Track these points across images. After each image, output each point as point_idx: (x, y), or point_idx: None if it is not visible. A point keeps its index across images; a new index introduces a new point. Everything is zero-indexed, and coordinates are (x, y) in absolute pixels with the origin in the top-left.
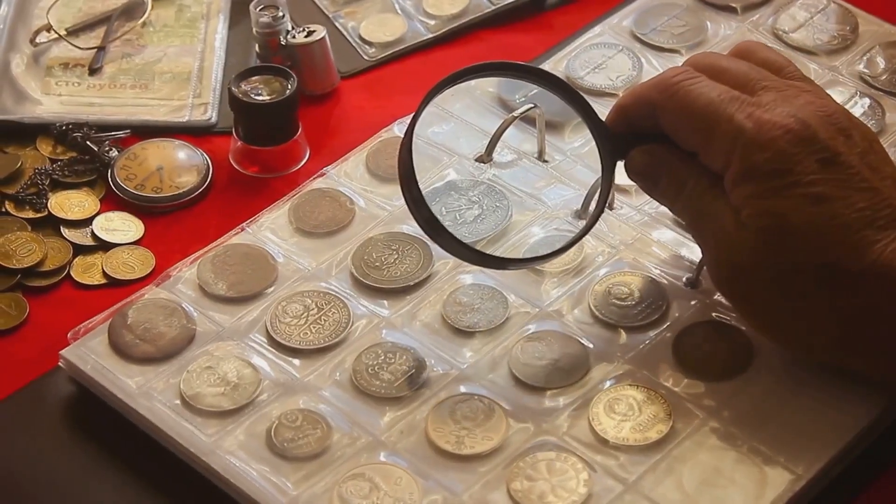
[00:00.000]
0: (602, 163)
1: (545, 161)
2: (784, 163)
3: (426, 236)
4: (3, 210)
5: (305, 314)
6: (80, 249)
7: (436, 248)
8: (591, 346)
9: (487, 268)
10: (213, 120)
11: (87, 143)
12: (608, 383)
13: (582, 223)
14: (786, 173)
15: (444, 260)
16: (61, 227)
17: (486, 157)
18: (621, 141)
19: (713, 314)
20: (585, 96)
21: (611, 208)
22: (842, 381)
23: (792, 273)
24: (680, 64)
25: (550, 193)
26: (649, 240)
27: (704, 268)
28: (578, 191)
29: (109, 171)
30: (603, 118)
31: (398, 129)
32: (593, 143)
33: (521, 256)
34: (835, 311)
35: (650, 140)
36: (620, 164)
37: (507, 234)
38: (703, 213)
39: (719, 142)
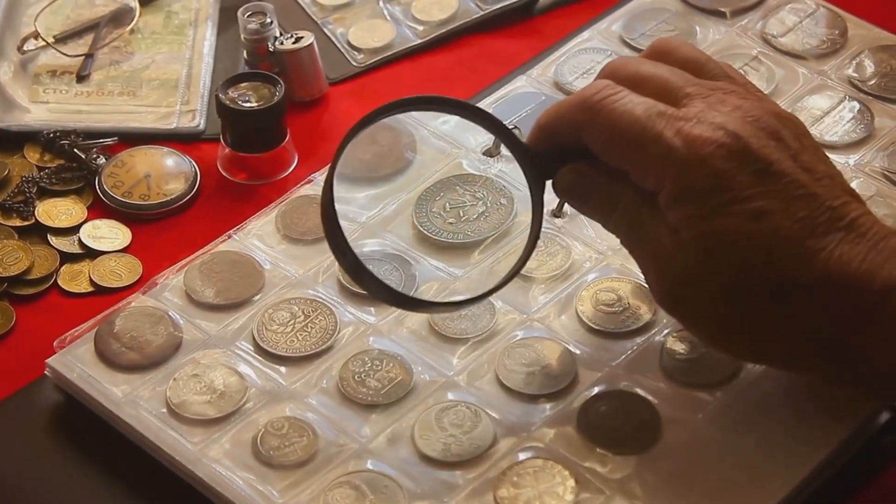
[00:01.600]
0: (529, 184)
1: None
2: (720, 180)
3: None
4: None
5: (292, 321)
6: (67, 257)
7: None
8: (578, 352)
9: (406, 310)
10: (201, 127)
11: (75, 150)
12: (596, 390)
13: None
14: (722, 190)
15: (444, 263)
16: (48, 235)
17: (493, 150)
18: (547, 159)
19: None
20: None
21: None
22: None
23: (739, 289)
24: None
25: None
26: None
27: None
28: None
29: (97, 178)
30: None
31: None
32: None
33: (440, 301)
34: (786, 321)
35: (577, 156)
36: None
37: (510, 233)
38: (639, 231)
39: (649, 162)
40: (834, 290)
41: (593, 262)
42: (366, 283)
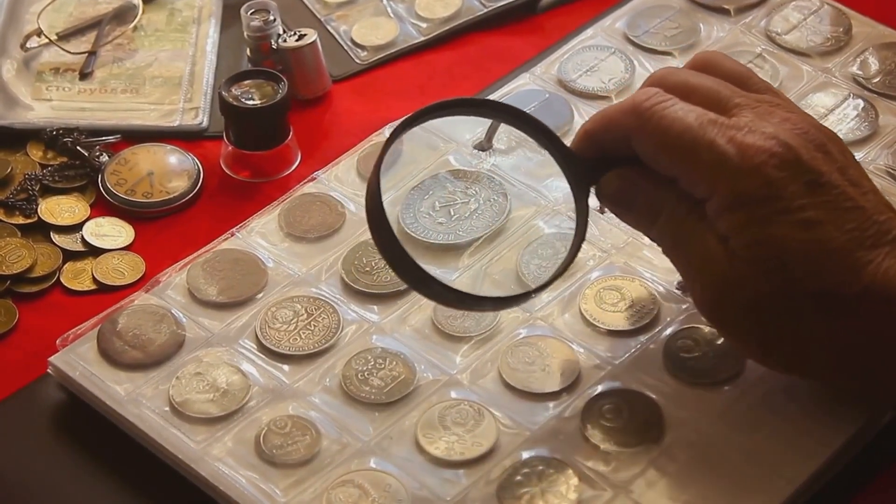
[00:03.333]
0: (573, 190)
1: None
2: (772, 189)
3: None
4: None
5: (295, 320)
6: (69, 255)
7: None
8: (581, 350)
9: (467, 309)
10: (204, 124)
11: (78, 148)
12: (599, 388)
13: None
14: (775, 199)
15: (434, 266)
16: (51, 233)
17: (485, 144)
18: (591, 165)
19: (704, 318)
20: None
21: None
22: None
23: (786, 299)
24: (674, 66)
25: (552, 185)
26: (641, 244)
27: None
28: None
29: (100, 176)
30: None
31: (390, 133)
32: None
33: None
34: (830, 335)
35: (621, 163)
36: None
37: (505, 230)
38: (683, 239)
39: (701, 169)
40: (880, 303)
41: (597, 261)
42: (427, 288)
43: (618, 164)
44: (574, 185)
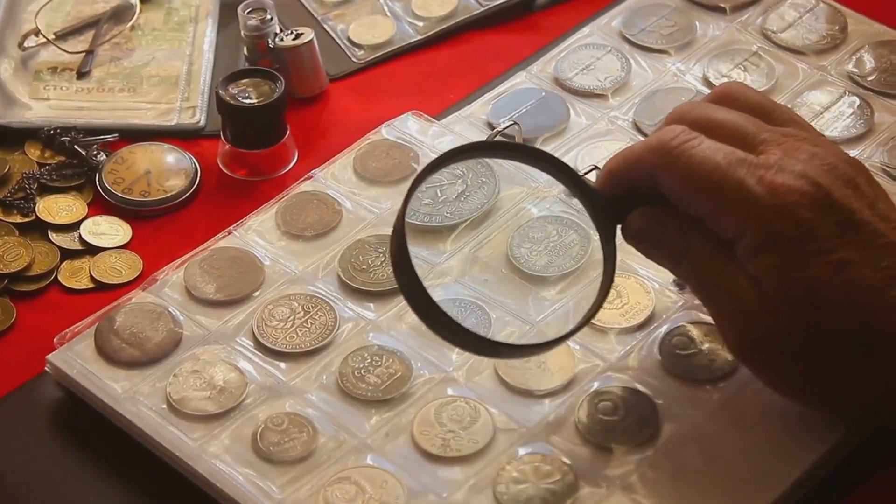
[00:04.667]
0: (599, 232)
1: None
2: (804, 230)
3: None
4: None
5: (292, 317)
6: (67, 254)
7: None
8: (577, 348)
9: (481, 355)
10: (202, 123)
11: (75, 147)
12: (595, 385)
13: (575, 200)
14: (807, 241)
15: (429, 264)
16: (49, 232)
17: None
18: (616, 204)
19: (699, 314)
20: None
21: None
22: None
23: (821, 340)
24: (669, 66)
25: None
26: None
27: None
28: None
29: (97, 175)
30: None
31: (386, 132)
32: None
33: (521, 342)
34: (867, 373)
35: (647, 202)
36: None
37: (494, 212)
38: (711, 279)
39: (730, 210)
40: None
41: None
42: (440, 326)
43: (643, 202)
44: (600, 226)
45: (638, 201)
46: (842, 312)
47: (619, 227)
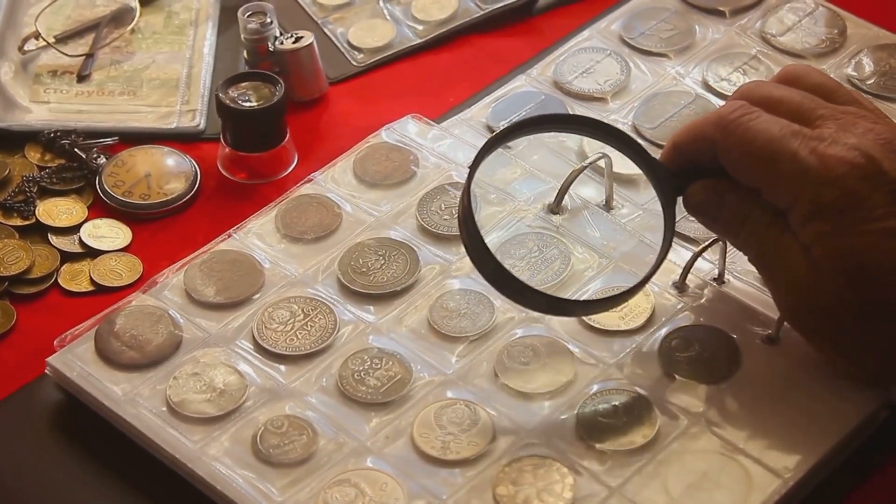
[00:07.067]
0: (661, 200)
1: (611, 209)
2: (854, 199)
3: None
4: None
5: (292, 320)
6: (67, 257)
7: (422, 254)
8: (577, 350)
9: (556, 314)
10: (202, 126)
11: (75, 150)
12: (594, 387)
13: (555, 217)
14: (857, 209)
15: (430, 265)
16: (49, 235)
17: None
18: (678, 177)
19: (700, 318)
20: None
21: (609, 208)
22: (828, 386)
23: (868, 306)
24: (668, 69)
25: (522, 186)
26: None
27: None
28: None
29: (97, 178)
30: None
31: (386, 135)
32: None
33: (589, 298)
34: None
35: (707, 174)
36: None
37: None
38: (769, 248)
39: (784, 180)
40: None
41: (596, 269)
42: (513, 291)
43: (704, 175)
44: (661, 195)
45: (699, 174)
46: (890, 279)
47: (679, 198)
